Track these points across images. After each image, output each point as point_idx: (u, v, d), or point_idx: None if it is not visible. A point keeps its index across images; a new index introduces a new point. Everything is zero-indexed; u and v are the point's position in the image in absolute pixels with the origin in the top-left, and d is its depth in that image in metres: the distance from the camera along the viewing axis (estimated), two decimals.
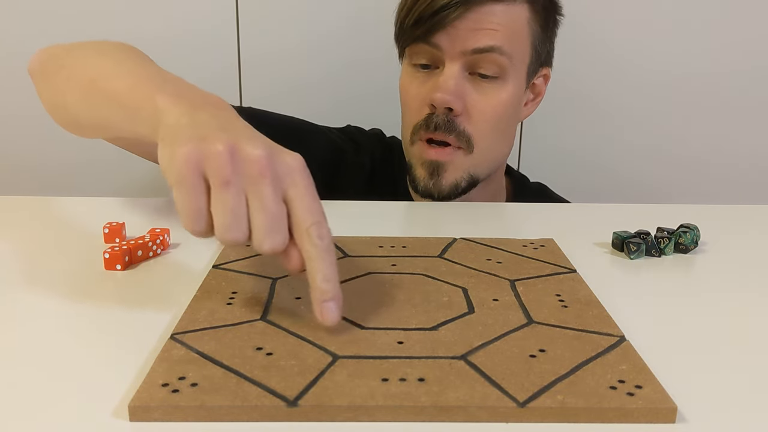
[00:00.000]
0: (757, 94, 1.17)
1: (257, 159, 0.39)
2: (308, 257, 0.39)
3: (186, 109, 0.43)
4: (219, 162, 0.38)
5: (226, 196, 0.38)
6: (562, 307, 0.45)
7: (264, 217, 0.39)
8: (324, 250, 0.39)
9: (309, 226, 0.39)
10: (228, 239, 0.39)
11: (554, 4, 0.81)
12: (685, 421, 0.34)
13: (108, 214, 0.63)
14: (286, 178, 0.40)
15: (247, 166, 0.39)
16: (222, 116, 0.43)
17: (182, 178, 0.39)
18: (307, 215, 0.39)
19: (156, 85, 0.47)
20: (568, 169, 1.19)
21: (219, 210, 0.39)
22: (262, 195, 0.39)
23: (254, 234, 0.39)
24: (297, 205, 0.40)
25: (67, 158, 1.16)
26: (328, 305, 0.39)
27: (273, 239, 0.39)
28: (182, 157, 0.39)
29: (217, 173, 0.38)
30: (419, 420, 0.33)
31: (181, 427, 0.32)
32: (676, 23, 1.13)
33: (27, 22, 1.10)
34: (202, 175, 0.39)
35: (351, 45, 1.13)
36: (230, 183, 0.38)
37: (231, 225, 0.39)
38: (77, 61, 0.59)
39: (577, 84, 1.15)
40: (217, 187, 0.39)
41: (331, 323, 0.39)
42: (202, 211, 0.39)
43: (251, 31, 1.12)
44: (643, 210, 0.71)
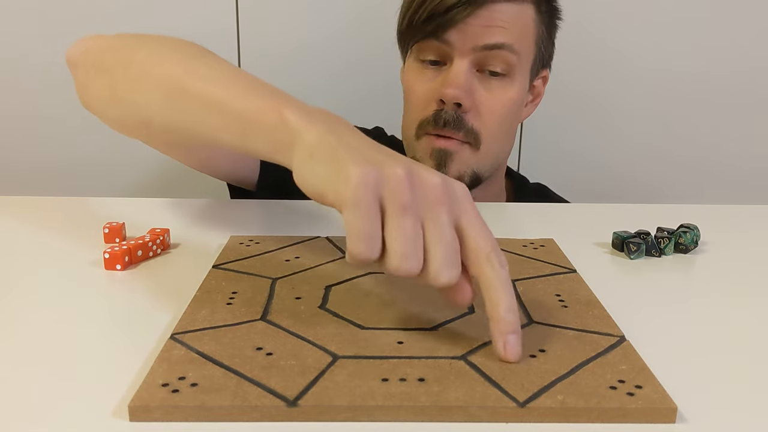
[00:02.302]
0: (757, 94, 1.17)
1: (435, 186, 0.37)
2: (489, 286, 0.37)
3: (323, 126, 0.41)
4: (399, 187, 0.36)
5: (404, 223, 0.36)
6: (562, 307, 0.45)
7: (443, 247, 0.37)
8: (506, 278, 0.37)
9: (489, 253, 0.37)
10: (404, 269, 0.36)
11: (555, 8, 0.82)
12: (685, 421, 0.34)
13: (108, 214, 0.63)
14: (456, 206, 0.38)
15: (425, 193, 0.37)
16: (363, 138, 0.41)
17: (359, 200, 0.36)
18: (485, 242, 0.38)
19: (273, 96, 0.45)
20: (568, 169, 1.19)
21: (396, 237, 0.36)
22: (440, 223, 0.37)
23: (431, 265, 0.37)
24: (471, 234, 0.38)
25: (68, 158, 1.16)
26: (512, 338, 0.37)
27: (451, 271, 0.37)
28: (359, 178, 0.36)
29: (397, 198, 0.36)
30: (419, 420, 0.33)
31: (181, 427, 0.32)
32: (676, 23, 1.13)
33: (27, 22, 1.10)
34: (379, 200, 0.37)
35: (351, 45, 1.13)
36: (408, 209, 0.36)
37: (408, 254, 0.36)
38: (153, 57, 0.55)
39: (577, 84, 1.15)
40: (395, 212, 0.36)
41: (515, 359, 0.37)
42: (376, 237, 0.37)
43: (251, 31, 1.12)
44: (643, 210, 0.71)
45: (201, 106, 0.48)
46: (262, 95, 0.45)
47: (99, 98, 0.59)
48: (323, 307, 0.44)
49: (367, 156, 0.38)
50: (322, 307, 0.44)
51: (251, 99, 0.45)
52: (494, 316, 0.37)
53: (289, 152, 0.41)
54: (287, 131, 0.41)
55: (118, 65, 0.57)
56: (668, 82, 1.16)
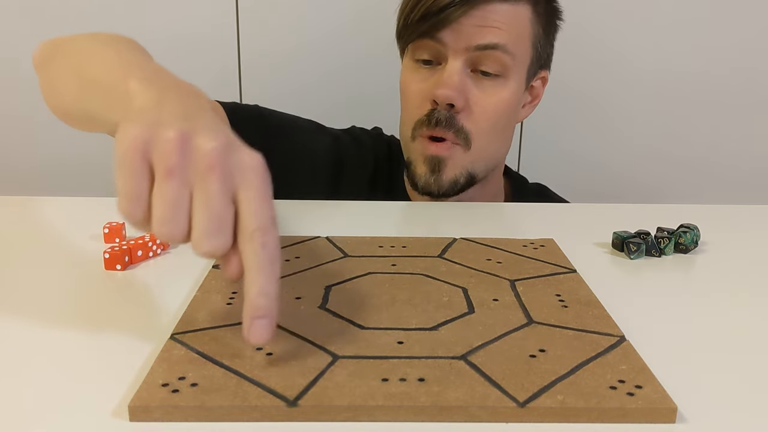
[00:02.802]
0: (756, 94, 1.17)
1: (209, 152, 0.35)
2: (247, 266, 0.36)
3: (155, 93, 0.41)
4: (166, 149, 0.35)
5: (167, 187, 0.35)
6: (562, 307, 0.45)
7: (206, 215, 0.35)
8: (266, 260, 0.35)
9: (253, 231, 0.35)
10: (163, 234, 0.36)
11: (555, 9, 0.81)
12: (685, 421, 0.34)
13: (108, 214, 0.63)
14: (238, 176, 0.36)
15: (196, 158, 0.36)
16: (190, 104, 0.40)
17: (125, 159, 0.36)
18: (253, 219, 0.36)
19: (131, 69, 0.44)
20: (568, 170, 1.19)
21: (158, 201, 0.36)
22: (208, 191, 0.35)
23: (193, 233, 0.36)
24: (244, 208, 0.36)
25: (67, 158, 1.16)
26: (260, 322, 0.35)
27: (212, 241, 0.35)
28: (129, 138, 0.36)
29: (162, 161, 0.35)
30: (419, 420, 0.33)
31: (181, 427, 0.32)
32: (676, 23, 1.13)
33: (27, 22, 1.10)
34: (148, 161, 0.36)
35: (351, 45, 1.13)
36: (174, 174, 0.35)
37: (167, 218, 0.35)
38: (70, 48, 0.57)
39: (577, 84, 1.15)
40: (160, 175, 0.36)
41: (258, 342, 0.36)
42: (140, 197, 0.36)
43: (251, 31, 1.12)
44: (643, 210, 0.71)
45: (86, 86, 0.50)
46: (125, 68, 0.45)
47: (43, 92, 0.62)
48: (323, 307, 0.44)
49: (156, 117, 0.37)
50: (322, 307, 0.44)
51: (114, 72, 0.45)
52: (246, 297, 0.36)
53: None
54: (128, 100, 0.41)
55: (50, 59, 0.59)
56: (668, 82, 1.16)
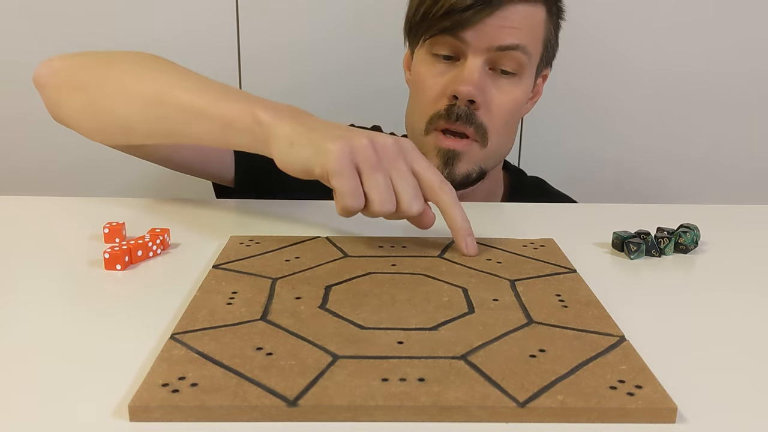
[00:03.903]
0: (757, 94, 1.17)
1: (391, 146, 0.52)
2: (446, 206, 0.53)
3: (289, 119, 0.53)
4: (367, 152, 0.50)
5: (378, 177, 0.50)
6: (562, 307, 0.45)
7: (408, 187, 0.51)
8: (455, 199, 0.53)
9: (440, 183, 0.53)
10: (385, 210, 0.50)
11: (560, 9, 0.82)
12: (685, 421, 0.34)
13: (108, 214, 0.63)
14: (410, 156, 0.52)
15: (385, 153, 0.51)
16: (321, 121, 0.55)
17: (342, 167, 0.49)
18: (435, 177, 0.53)
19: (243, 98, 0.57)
20: (568, 168, 1.19)
21: (373, 188, 0.50)
22: (401, 172, 0.51)
23: (403, 202, 0.51)
24: (425, 174, 0.52)
25: (67, 158, 1.16)
26: (470, 239, 0.54)
27: (419, 202, 0.51)
28: (339, 151, 0.49)
29: (368, 160, 0.50)
30: (419, 420, 0.33)
31: (181, 427, 0.32)
32: (676, 23, 1.13)
33: (27, 23, 1.10)
34: (354, 164, 0.50)
35: (351, 45, 1.13)
36: (378, 167, 0.50)
37: (385, 199, 0.50)
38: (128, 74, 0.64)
39: (578, 83, 1.15)
40: (369, 171, 0.50)
41: (475, 253, 0.54)
42: (359, 191, 0.50)
43: (251, 31, 1.12)
44: (643, 210, 0.71)
45: (181, 113, 0.59)
46: (234, 99, 0.57)
47: (75, 113, 0.67)
48: (323, 307, 0.44)
49: (336, 134, 0.51)
50: (322, 307, 0.44)
51: (225, 103, 0.56)
52: (454, 226, 0.53)
53: (267, 145, 0.54)
54: (262, 128, 0.54)
55: (92, 83, 0.65)
56: (668, 81, 1.16)
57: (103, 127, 0.66)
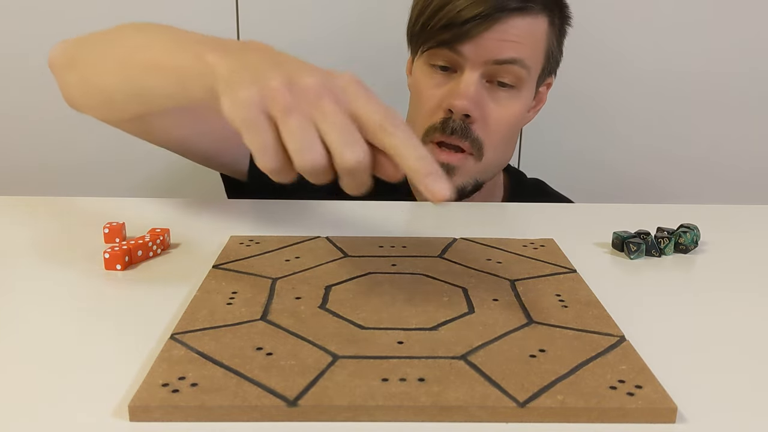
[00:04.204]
0: (757, 94, 1.17)
1: (313, 85, 0.40)
2: (393, 149, 0.39)
3: (235, 57, 0.44)
4: (277, 95, 0.39)
5: (291, 123, 0.39)
6: (562, 307, 0.45)
7: (336, 131, 0.39)
8: (406, 135, 0.39)
9: (381, 121, 0.39)
10: (306, 162, 0.39)
11: (566, 16, 0.82)
12: (685, 421, 0.34)
13: (108, 214, 0.63)
14: (344, 95, 0.40)
15: (306, 94, 0.40)
16: (269, 53, 0.44)
17: (247, 121, 0.40)
18: (374, 114, 0.40)
19: (199, 44, 0.47)
20: (568, 169, 1.19)
21: (288, 137, 0.39)
22: (327, 113, 0.39)
23: (333, 152, 0.39)
24: (363, 112, 0.40)
25: (68, 158, 1.16)
26: (431, 178, 0.38)
27: (353, 149, 0.39)
28: (243, 101, 0.40)
29: (278, 106, 0.39)
30: (419, 420, 0.33)
31: (181, 427, 0.32)
32: (676, 23, 1.13)
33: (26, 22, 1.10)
34: (266, 114, 0.40)
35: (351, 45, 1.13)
36: (292, 110, 0.39)
37: (303, 147, 0.39)
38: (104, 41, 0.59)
39: (577, 84, 1.15)
40: (281, 118, 0.39)
41: (443, 196, 0.38)
42: (274, 146, 0.40)
43: (251, 31, 1.12)
44: (643, 210, 0.71)
45: (146, 72, 0.52)
46: (188, 46, 0.48)
47: (75, 92, 0.63)
48: (323, 307, 0.44)
49: (255, 75, 0.41)
50: (322, 307, 0.44)
51: (181, 52, 0.48)
52: (408, 167, 0.39)
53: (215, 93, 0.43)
54: (209, 72, 0.44)
55: (80, 59, 0.61)
56: (668, 82, 1.16)
57: (93, 102, 0.62)
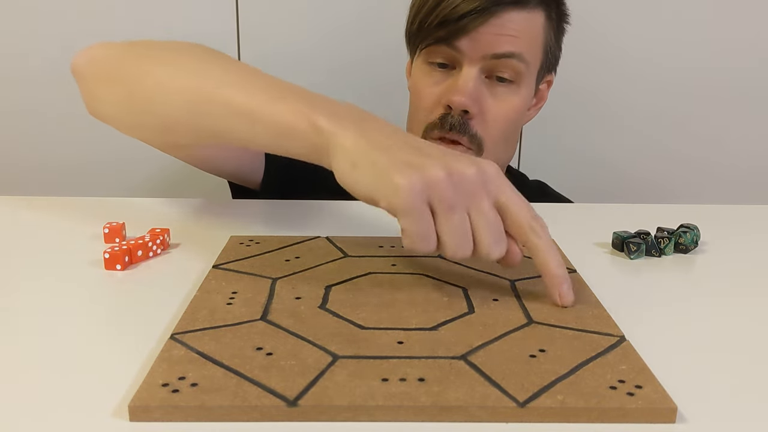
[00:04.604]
0: (757, 94, 1.17)
1: (472, 177, 0.43)
2: (536, 250, 0.44)
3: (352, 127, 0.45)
4: (443, 188, 0.42)
5: (453, 220, 0.42)
6: (562, 307, 0.45)
7: (488, 230, 0.43)
8: (548, 241, 0.44)
9: (530, 222, 0.44)
10: (459, 257, 0.43)
11: (564, 13, 0.82)
12: (685, 421, 0.34)
13: (108, 214, 0.63)
14: (493, 187, 0.44)
15: (465, 187, 0.42)
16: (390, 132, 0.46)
17: (411, 207, 0.41)
18: (525, 213, 0.44)
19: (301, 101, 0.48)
20: (568, 169, 1.19)
21: (447, 232, 0.42)
22: (482, 210, 0.43)
23: (482, 246, 0.43)
24: (511, 209, 0.44)
25: (68, 158, 1.16)
26: (564, 287, 0.44)
27: (500, 247, 0.44)
28: (408, 188, 0.41)
29: (443, 199, 0.42)
30: (419, 420, 0.33)
31: (181, 427, 0.32)
32: (676, 22, 1.13)
33: (27, 22, 1.10)
34: (427, 202, 0.42)
35: (351, 46, 1.13)
36: (455, 207, 0.42)
37: (461, 244, 0.43)
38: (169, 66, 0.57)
39: (578, 83, 1.15)
40: (444, 212, 0.42)
41: (570, 303, 0.44)
42: (431, 234, 0.42)
43: (251, 31, 1.12)
44: (643, 210, 0.71)
45: (230, 114, 0.50)
46: (288, 100, 0.49)
47: (113, 107, 0.61)
48: (323, 307, 0.44)
49: (405, 159, 0.43)
50: (322, 307, 0.44)
51: (280, 105, 0.48)
52: (546, 273, 0.44)
53: (326, 155, 0.45)
54: (321, 136, 0.45)
55: (131, 76, 0.58)
56: (668, 81, 1.16)
57: (142, 123, 0.60)
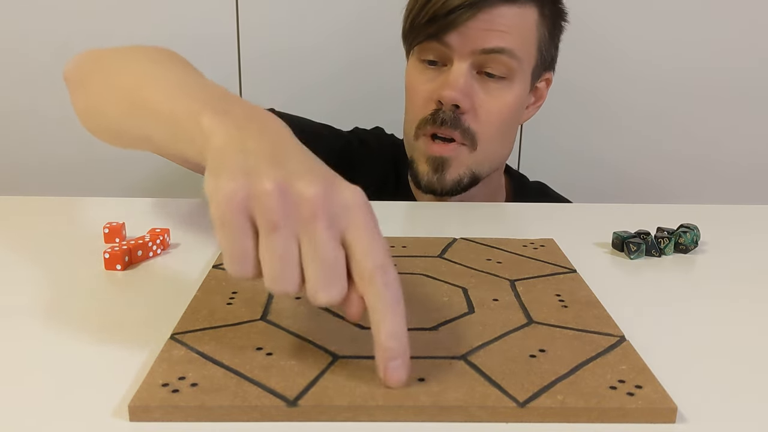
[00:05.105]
0: (756, 94, 1.17)
1: (310, 199, 0.34)
2: (372, 309, 0.34)
3: (233, 131, 0.37)
4: (267, 203, 0.34)
5: (274, 243, 0.34)
6: (562, 307, 0.45)
7: (319, 266, 0.34)
8: (391, 299, 0.34)
9: (372, 272, 0.34)
10: (277, 290, 0.34)
11: (560, 10, 0.82)
12: (685, 421, 0.34)
13: (108, 214, 0.63)
14: (343, 217, 0.34)
15: (299, 207, 0.34)
16: (273, 140, 0.38)
17: (226, 220, 0.34)
18: (368, 259, 0.34)
19: (199, 99, 0.42)
20: (568, 169, 1.19)
21: (267, 258, 0.34)
22: (316, 240, 0.34)
23: (308, 285, 0.34)
24: (357, 248, 0.34)
25: (67, 158, 1.16)
26: (394, 364, 0.34)
27: (329, 292, 0.34)
28: (227, 195, 0.34)
29: (265, 216, 0.34)
30: (419, 420, 0.33)
31: (181, 427, 0.32)
32: (676, 22, 1.13)
33: (27, 22, 1.10)
34: (249, 216, 0.34)
35: (351, 45, 1.13)
36: (279, 228, 0.34)
37: (280, 275, 0.34)
38: (115, 65, 0.55)
39: (578, 83, 1.15)
40: (265, 232, 0.34)
41: (396, 385, 0.34)
42: (247, 255, 0.34)
43: (251, 31, 1.12)
44: (643, 210, 0.71)
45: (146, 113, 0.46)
46: (190, 96, 0.42)
47: (81, 112, 0.59)
48: (323, 307, 0.44)
49: (250, 164, 0.35)
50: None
51: (181, 102, 0.42)
52: (376, 341, 0.34)
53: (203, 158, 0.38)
54: (202, 136, 0.38)
55: (90, 77, 0.57)
56: (668, 81, 1.16)
57: (102, 126, 0.58)
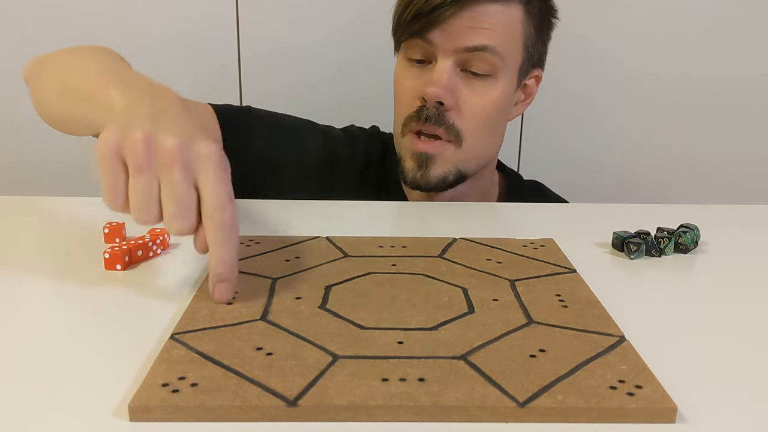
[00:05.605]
0: (756, 96, 1.17)
1: (169, 148, 0.42)
2: (209, 240, 0.43)
3: (129, 98, 0.47)
4: (134, 150, 0.42)
5: (138, 181, 0.43)
6: (562, 307, 0.45)
7: (172, 202, 0.42)
8: (223, 233, 0.42)
9: (211, 210, 0.42)
10: (139, 220, 0.44)
11: (549, 7, 0.81)
12: (685, 421, 0.34)
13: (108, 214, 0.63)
14: (196, 165, 0.43)
15: (159, 155, 0.42)
16: (157, 105, 0.46)
17: (102, 160, 0.43)
18: (211, 199, 0.43)
19: (110, 78, 0.51)
20: (568, 170, 1.19)
21: (132, 193, 0.43)
22: (172, 181, 0.42)
23: (164, 218, 0.43)
24: (204, 190, 0.43)
25: (67, 158, 1.16)
26: (220, 285, 0.44)
27: (179, 223, 0.43)
28: (104, 141, 0.43)
29: (132, 160, 0.43)
30: (419, 420, 0.33)
31: (181, 427, 0.32)
32: (675, 25, 1.13)
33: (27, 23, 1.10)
34: (121, 159, 0.43)
35: (351, 45, 1.13)
36: (143, 169, 0.43)
37: (142, 208, 0.43)
38: (57, 61, 0.63)
39: (577, 85, 1.15)
40: (132, 172, 0.43)
41: (221, 301, 0.44)
42: (117, 189, 0.44)
43: (251, 31, 1.12)
44: (643, 210, 0.71)
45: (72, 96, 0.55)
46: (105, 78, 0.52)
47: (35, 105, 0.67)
48: (323, 307, 0.44)
49: (127, 120, 0.44)
50: (322, 307, 0.44)
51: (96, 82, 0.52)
52: (210, 265, 0.44)
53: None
54: (108, 104, 0.48)
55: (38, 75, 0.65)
56: (668, 82, 1.16)
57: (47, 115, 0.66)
